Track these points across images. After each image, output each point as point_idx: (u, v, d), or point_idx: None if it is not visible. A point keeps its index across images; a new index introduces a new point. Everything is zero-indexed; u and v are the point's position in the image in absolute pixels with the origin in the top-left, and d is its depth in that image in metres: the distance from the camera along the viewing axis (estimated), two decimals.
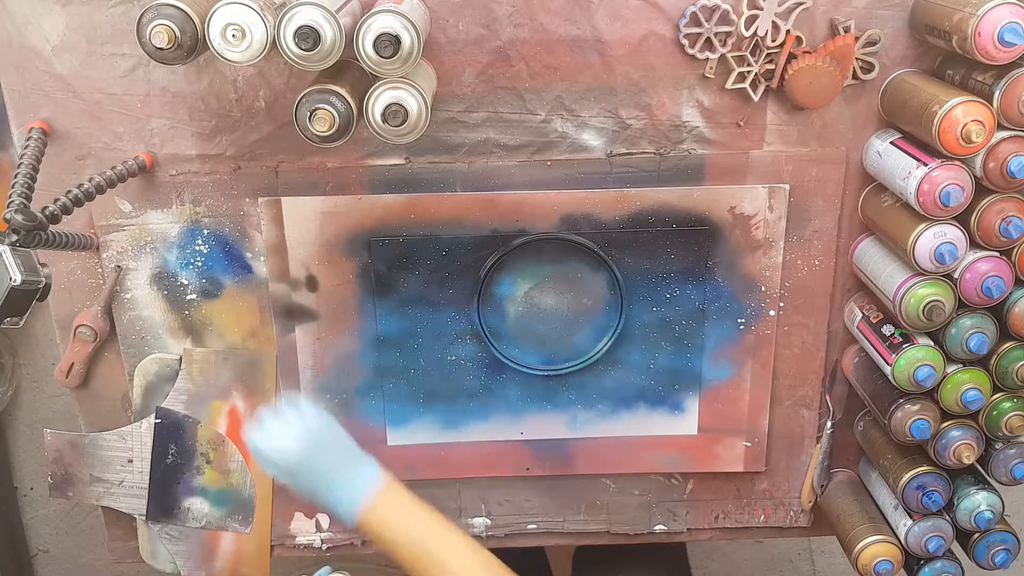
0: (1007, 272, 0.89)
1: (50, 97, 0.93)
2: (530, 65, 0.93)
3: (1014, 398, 0.94)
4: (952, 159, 0.85)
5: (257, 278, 1.02)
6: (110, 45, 0.91)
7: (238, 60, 0.76)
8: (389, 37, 0.76)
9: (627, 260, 1.00)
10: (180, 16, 0.75)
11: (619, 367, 1.05)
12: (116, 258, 1.00)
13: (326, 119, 0.78)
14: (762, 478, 1.12)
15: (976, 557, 1.01)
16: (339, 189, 0.98)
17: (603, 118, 0.96)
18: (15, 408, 1.78)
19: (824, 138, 0.97)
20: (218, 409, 1.06)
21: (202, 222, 0.99)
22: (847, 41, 0.91)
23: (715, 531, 1.15)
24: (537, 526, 1.14)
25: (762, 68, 0.93)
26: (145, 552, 1.13)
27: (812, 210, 0.99)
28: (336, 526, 1.13)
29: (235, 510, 1.09)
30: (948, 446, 0.95)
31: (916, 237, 0.87)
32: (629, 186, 0.98)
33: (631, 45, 0.92)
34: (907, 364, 0.92)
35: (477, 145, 0.97)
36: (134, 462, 1.07)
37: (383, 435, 1.07)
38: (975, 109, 0.82)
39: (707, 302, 1.02)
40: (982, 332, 0.91)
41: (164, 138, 0.96)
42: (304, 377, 1.05)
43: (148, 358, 1.04)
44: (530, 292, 1.02)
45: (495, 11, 0.91)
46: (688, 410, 1.07)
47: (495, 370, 1.05)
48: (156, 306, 1.02)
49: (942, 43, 0.87)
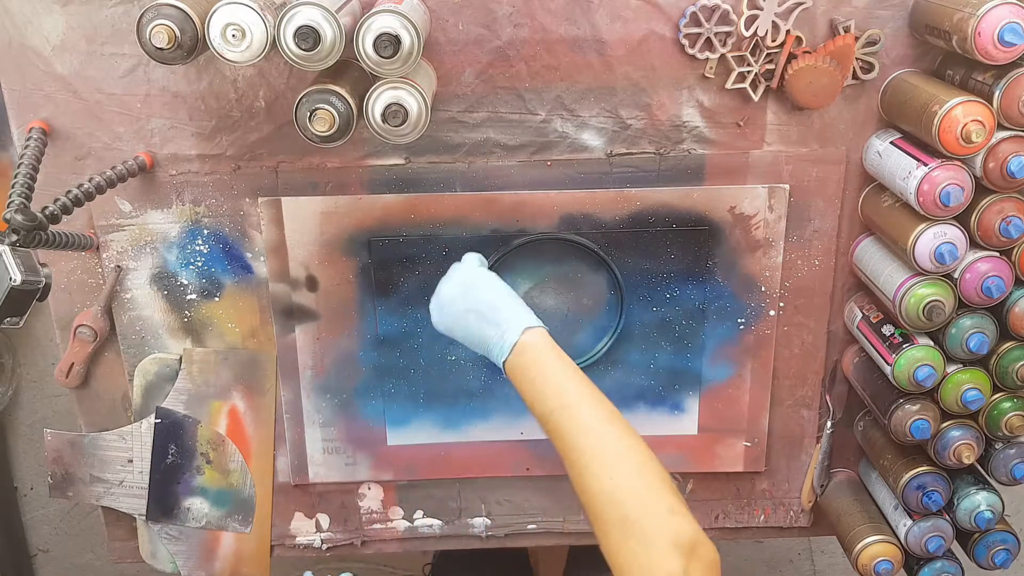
0: (1007, 272, 0.89)
1: (50, 97, 0.93)
2: (530, 65, 0.93)
3: (1014, 398, 0.94)
4: (952, 159, 0.85)
5: (257, 278, 1.02)
6: (110, 45, 0.91)
7: (238, 60, 0.76)
8: (389, 37, 0.76)
9: (627, 260, 1.00)
10: (180, 16, 0.75)
11: (619, 367, 1.05)
12: (116, 258, 1.00)
13: (326, 119, 0.78)
14: (762, 478, 1.12)
15: (976, 557, 1.01)
16: (339, 189, 0.98)
17: (603, 118, 0.96)
18: (15, 408, 1.78)
19: (824, 138, 0.97)
20: (218, 409, 1.06)
21: (202, 222, 0.99)
22: (847, 41, 0.91)
23: (715, 531, 1.15)
24: (537, 526, 1.14)
25: (762, 68, 0.93)
26: (145, 552, 1.13)
27: (812, 210, 0.99)
28: (336, 526, 1.13)
29: (235, 510, 1.09)
30: (948, 446, 0.95)
31: (916, 237, 0.87)
32: (629, 186, 0.98)
33: (631, 45, 0.93)
34: (907, 364, 0.92)
35: (477, 145, 0.97)
36: (134, 462, 1.07)
37: (383, 435, 1.07)
38: (975, 109, 0.82)
39: (707, 302, 1.02)
40: (982, 332, 0.91)
41: (164, 138, 0.96)
42: (304, 377, 1.05)
43: (148, 358, 1.04)
44: (530, 292, 1.02)
45: (495, 11, 0.91)
46: (688, 410, 1.07)
47: (495, 370, 1.03)
48: (156, 306, 1.02)
49: (942, 43, 0.87)
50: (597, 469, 0.71)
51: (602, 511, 0.70)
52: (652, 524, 0.68)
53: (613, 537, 0.69)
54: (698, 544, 0.67)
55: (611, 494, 0.70)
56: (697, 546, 0.67)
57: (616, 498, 0.69)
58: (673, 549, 0.66)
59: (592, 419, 0.74)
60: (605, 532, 0.69)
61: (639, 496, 0.69)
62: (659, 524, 0.67)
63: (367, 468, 1.09)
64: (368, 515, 1.13)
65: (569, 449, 0.74)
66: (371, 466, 1.09)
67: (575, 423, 0.74)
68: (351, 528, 1.13)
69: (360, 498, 1.12)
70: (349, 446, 1.08)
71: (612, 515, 0.69)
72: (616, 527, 0.69)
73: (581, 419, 0.74)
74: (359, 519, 1.13)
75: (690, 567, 0.65)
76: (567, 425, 0.74)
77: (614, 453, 0.72)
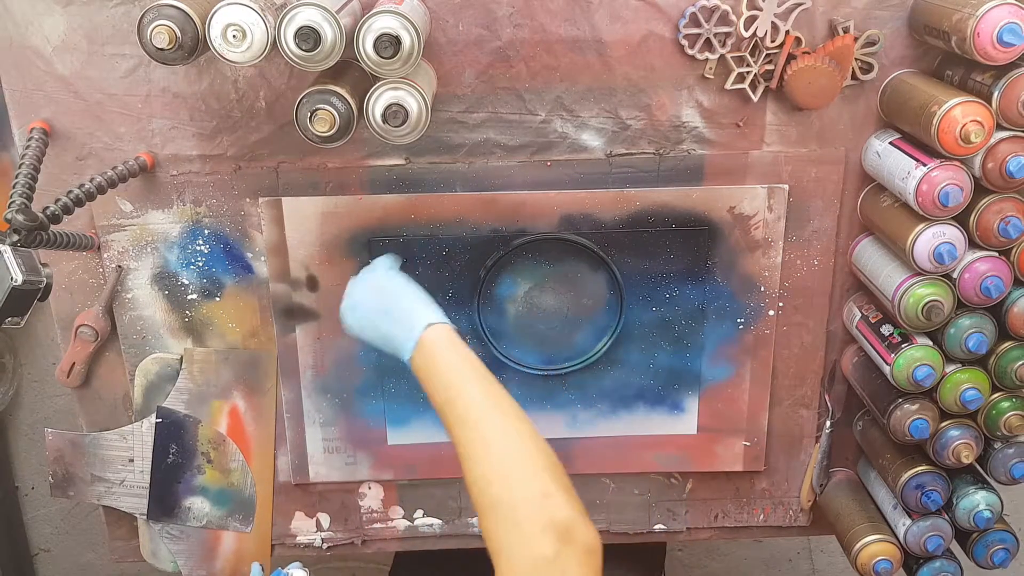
0: (1006, 272, 0.89)
1: (51, 97, 0.94)
2: (530, 65, 0.93)
3: (1013, 398, 0.94)
4: (951, 159, 0.85)
5: (258, 278, 1.02)
6: (111, 45, 0.92)
7: (239, 60, 0.77)
8: (389, 37, 0.76)
9: (627, 260, 1.00)
10: (181, 16, 0.75)
11: (619, 367, 1.05)
12: (117, 258, 1.00)
13: (326, 119, 0.78)
14: (761, 477, 1.12)
15: (975, 556, 1.01)
16: (339, 189, 0.98)
17: (603, 118, 0.96)
18: (16, 408, 1.78)
19: (823, 138, 0.97)
20: (219, 409, 1.06)
21: (203, 222, 0.99)
22: (846, 41, 0.91)
23: (714, 530, 1.15)
24: None
25: (761, 68, 0.93)
26: (146, 551, 1.13)
27: (811, 210, 1.00)
28: (337, 525, 1.13)
29: (236, 509, 1.10)
30: (947, 445, 0.95)
31: (915, 237, 0.88)
32: (629, 186, 0.98)
33: (631, 45, 0.93)
34: (906, 364, 0.92)
35: (477, 145, 0.97)
36: (135, 461, 1.07)
37: (383, 435, 1.07)
38: (974, 109, 0.82)
39: (706, 302, 1.02)
40: (981, 332, 0.91)
41: (165, 138, 0.96)
42: (305, 377, 1.05)
43: (149, 358, 1.05)
44: (530, 292, 1.02)
45: (495, 11, 0.91)
46: (688, 410, 1.07)
47: (495, 370, 1.03)
48: (157, 306, 1.03)
49: (941, 43, 0.87)
50: (473, 457, 0.72)
51: (477, 497, 0.71)
52: (524, 508, 0.67)
53: (488, 521, 0.69)
54: (574, 527, 0.66)
55: (484, 479, 0.70)
56: (572, 529, 0.66)
57: (488, 482, 0.70)
58: (545, 532, 0.65)
59: (473, 410, 0.75)
60: (482, 516, 0.70)
61: (510, 480, 0.70)
62: (531, 508, 0.67)
63: (367, 467, 1.09)
64: (368, 514, 1.13)
65: (455, 442, 0.75)
66: (371, 465, 1.09)
67: (457, 414, 0.75)
68: (351, 527, 1.13)
69: (360, 497, 1.12)
70: (349, 445, 1.08)
71: (484, 500, 0.70)
72: (489, 511, 0.69)
73: (462, 411, 0.75)
74: (359, 518, 1.13)
75: (564, 551, 0.64)
76: (451, 417, 0.76)
77: (489, 440, 0.73)
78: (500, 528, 0.68)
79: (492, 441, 0.73)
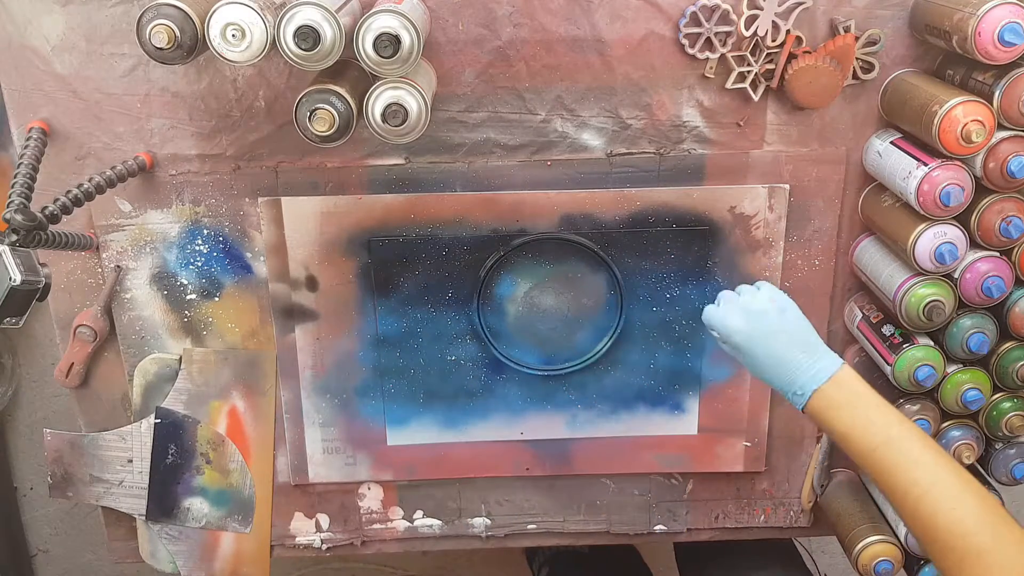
0: (1007, 272, 0.89)
1: (50, 97, 0.93)
2: (530, 65, 0.93)
3: (1014, 398, 0.94)
4: (952, 159, 0.85)
5: (257, 278, 1.02)
6: (110, 45, 0.91)
7: (238, 60, 0.76)
8: (389, 37, 0.76)
9: (627, 260, 1.00)
10: (180, 16, 0.75)
11: (619, 367, 1.05)
12: (116, 258, 1.00)
13: (326, 119, 0.78)
14: (762, 478, 1.12)
15: None
16: (339, 189, 0.98)
17: (603, 118, 0.96)
18: (15, 408, 1.77)
19: (824, 138, 0.97)
20: (218, 409, 1.06)
21: (202, 222, 0.99)
22: (847, 41, 0.91)
23: (715, 531, 1.15)
24: (537, 526, 1.14)
25: (762, 68, 0.93)
26: (145, 552, 1.13)
27: (812, 210, 0.99)
28: (336, 526, 1.13)
29: (235, 510, 1.09)
30: (948, 446, 0.95)
31: (916, 237, 0.87)
32: (629, 186, 0.98)
33: (631, 45, 0.93)
34: (907, 364, 0.92)
35: (477, 145, 0.97)
36: (134, 462, 1.07)
37: (383, 435, 1.07)
38: (975, 109, 0.82)
39: (707, 302, 1.02)
40: (982, 332, 0.91)
41: (164, 138, 0.96)
42: (304, 377, 1.05)
43: (148, 358, 1.04)
44: (530, 292, 1.02)
45: (495, 11, 0.91)
46: (688, 410, 1.07)
47: (495, 370, 1.05)
48: (156, 306, 1.02)
49: (942, 43, 0.87)
50: (939, 500, 0.72)
51: (950, 542, 0.70)
52: (1007, 555, 0.68)
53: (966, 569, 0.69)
54: None
55: (960, 523, 0.70)
56: None
57: (967, 529, 0.70)
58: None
59: (924, 451, 0.74)
60: (957, 563, 0.69)
61: (992, 527, 0.70)
62: (1016, 556, 0.68)
63: (367, 468, 1.09)
64: (368, 515, 1.13)
65: (902, 482, 0.74)
66: (371, 466, 1.09)
67: (906, 456, 0.74)
68: (351, 528, 1.13)
69: (360, 498, 1.12)
70: (349, 446, 1.08)
71: (962, 545, 0.69)
72: (971, 557, 0.69)
73: (913, 452, 0.74)
74: (359, 519, 1.13)
75: None
76: (897, 459, 0.75)
77: (956, 484, 0.72)
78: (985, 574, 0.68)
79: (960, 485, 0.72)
